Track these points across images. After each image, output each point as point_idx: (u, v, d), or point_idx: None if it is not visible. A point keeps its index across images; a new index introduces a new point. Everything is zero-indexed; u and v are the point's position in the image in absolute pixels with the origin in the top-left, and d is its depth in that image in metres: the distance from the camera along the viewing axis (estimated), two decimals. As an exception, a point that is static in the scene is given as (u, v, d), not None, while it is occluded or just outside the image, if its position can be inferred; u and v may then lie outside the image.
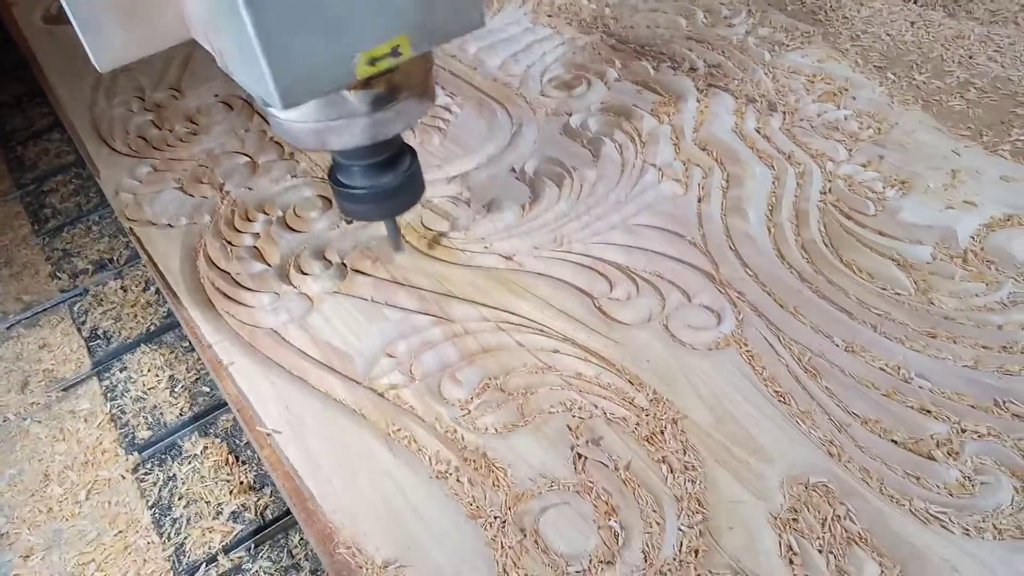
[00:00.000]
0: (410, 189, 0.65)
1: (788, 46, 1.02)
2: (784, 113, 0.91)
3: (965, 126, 0.85)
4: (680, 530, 0.55)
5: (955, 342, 0.64)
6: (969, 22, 1.01)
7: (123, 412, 0.81)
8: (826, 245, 0.74)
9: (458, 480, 0.60)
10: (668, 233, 0.79)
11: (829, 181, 0.81)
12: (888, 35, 1.01)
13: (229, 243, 0.86)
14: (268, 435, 0.65)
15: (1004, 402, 0.59)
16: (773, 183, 0.82)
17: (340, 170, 0.64)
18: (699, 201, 0.82)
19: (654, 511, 0.56)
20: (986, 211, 0.74)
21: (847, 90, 0.93)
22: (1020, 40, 0.96)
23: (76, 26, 0.53)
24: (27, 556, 0.70)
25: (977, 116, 0.86)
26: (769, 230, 0.77)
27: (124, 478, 0.75)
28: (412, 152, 0.65)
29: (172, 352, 0.86)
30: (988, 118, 0.85)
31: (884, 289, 0.69)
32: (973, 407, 0.59)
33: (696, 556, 0.53)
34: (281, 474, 0.63)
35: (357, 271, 0.80)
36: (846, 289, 0.69)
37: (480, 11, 0.52)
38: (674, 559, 0.53)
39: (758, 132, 0.89)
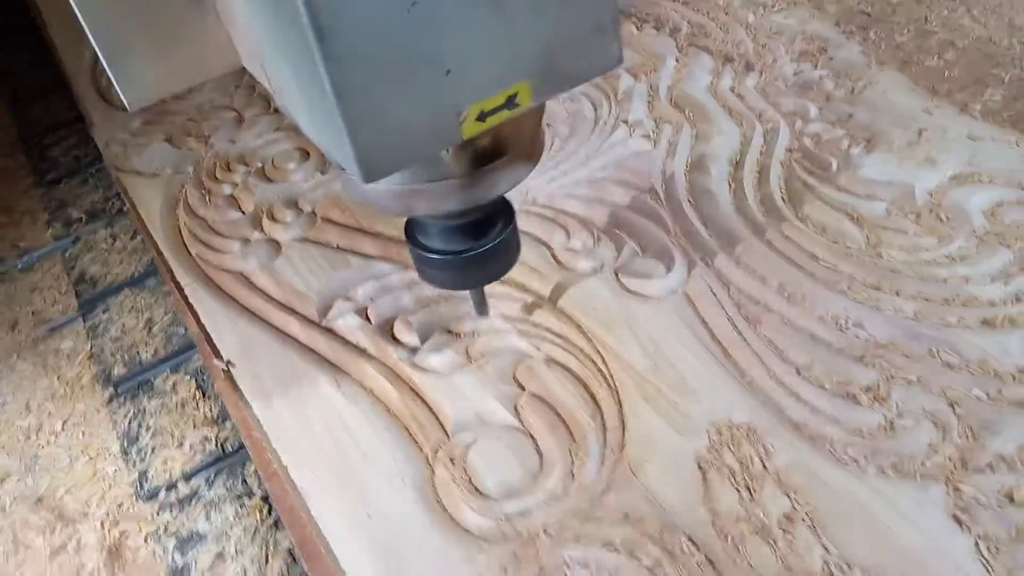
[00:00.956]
0: (505, 254, 0.53)
1: (772, 7, 1.02)
2: (761, 72, 0.91)
3: (939, 86, 0.84)
4: (601, 463, 0.56)
5: (898, 294, 0.64)
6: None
7: (102, 350, 0.84)
8: (783, 200, 0.74)
9: (398, 415, 0.62)
10: (631, 188, 0.79)
11: (796, 139, 0.81)
12: (875, -4, 0.99)
13: (208, 192, 0.88)
14: (224, 368, 0.68)
15: (938, 351, 0.59)
16: (740, 140, 0.82)
17: (418, 228, 0.52)
18: (666, 157, 0.82)
19: (579, 445, 0.57)
20: (947, 169, 0.74)
21: (826, 51, 0.92)
22: (1008, 3, 0.94)
23: (104, 64, 0.45)
24: (3, 479, 0.74)
25: (953, 77, 0.85)
26: (729, 185, 0.77)
27: (99, 411, 0.79)
28: (509, 208, 0.53)
29: (152, 296, 0.90)
30: (964, 78, 0.84)
31: (835, 242, 0.69)
32: (907, 356, 0.60)
33: (612, 486, 0.55)
34: (233, 405, 0.66)
35: (326, 219, 0.82)
36: (798, 242, 0.70)
37: (618, 47, 0.41)
38: (591, 487, 0.55)
39: (732, 91, 0.89)
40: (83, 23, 0.42)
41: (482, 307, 0.62)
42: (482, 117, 0.37)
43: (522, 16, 0.36)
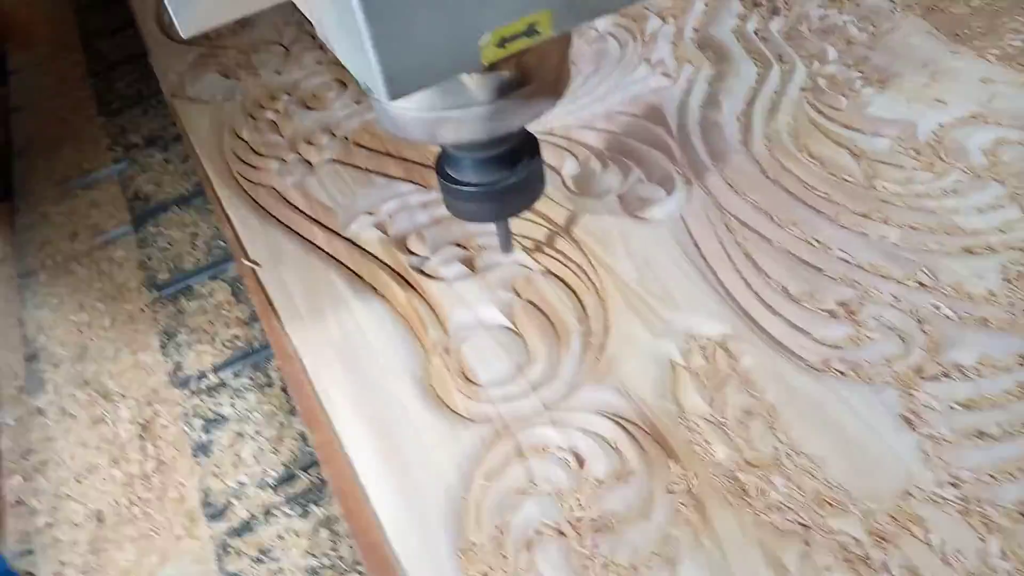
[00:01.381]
0: (528, 188, 0.56)
1: (807, -44, 1.03)
2: (786, 16, 0.93)
3: (961, 32, 0.84)
4: (582, 359, 0.61)
5: (886, 222, 0.66)
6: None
7: (150, 259, 0.92)
8: (790, 135, 0.77)
9: (404, 313, 0.68)
10: (645, 121, 0.82)
11: (811, 79, 0.83)
12: (911, -53, 0.99)
13: (252, 118, 0.95)
14: (252, 268, 0.74)
15: (915, 273, 0.62)
16: (756, 80, 0.84)
17: (448, 161, 0.56)
18: (683, 94, 0.85)
19: (563, 343, 0.62)
20: (954, 109, 0.75)
21: (853, -4, 0.93)
22: (1048, -47, 0.93)
23: None
24: (57, 364, 0.82)
25: (975, 23, 0.85)
26: (739, 120, 0.80)
27: (143, 311, 0.86)
28: (534, 143, 0.56)
29: (199, 213, 0.97)
30: (985, 25, 0.84)
31: (832, 174, 0.72)
32: (884, 277, 0.62)
33: (589, 378, 0.59)
34: (259, 302, 0.73)
35: (357, 144, 0.87)
36: (795, 172, 0.72)
37: None
38: (570, 379, 0.59)
39: (756, 34, 0.91)
40: None
41: (507, 242, 0.65)
42: (502, 43, 0.38)
43: None
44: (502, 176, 0.54)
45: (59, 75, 1.29)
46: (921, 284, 0.61)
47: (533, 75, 0.46)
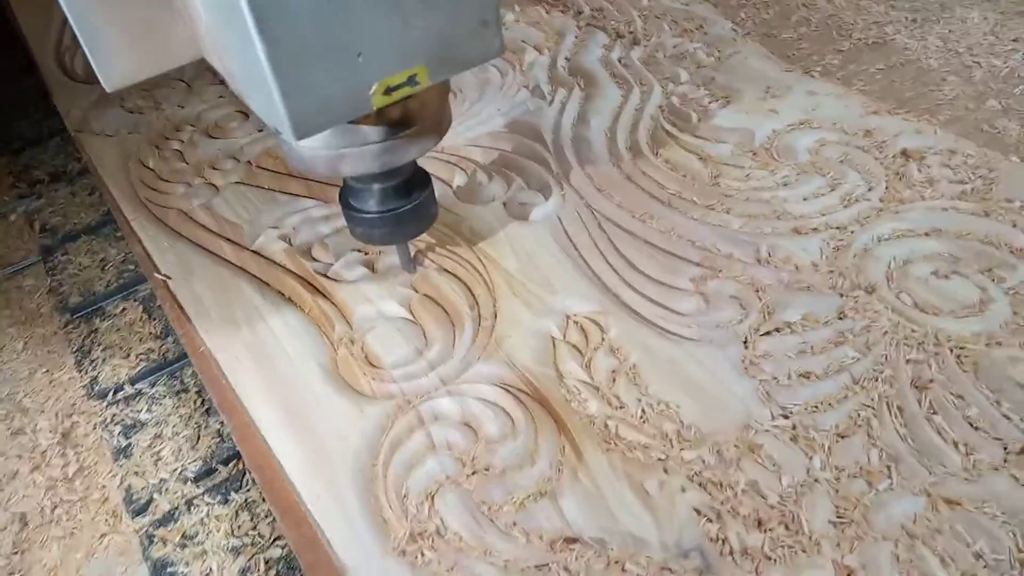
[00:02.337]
0: (422, 215, 0.65)
1: (664, -7, 1.16)
2: (645, 46, 1.05)
3: (790, 54, 0.98)
4: (473, 339, 0.68)
5: (728, 212, 0.77)
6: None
7: (61, 285, 0.95)
8: (648, 145, 0.88)
9: (311, 313, 0.74)
10: (525, 139, 0.92)
11: (666, 98, 0.95)
12: (750, -17, 1.14)
13: (157, 148, 1.00)
14: (164, 280, 0.79)
15: (752, 252, 0.72)
16: (620, 101, 0.96)
17: (351, 193, 0.64)
18: (557, 114, 0.95)
19: (457, 327, 0.70)
20: (785, 118, 0.88)
21: (702, 27, 1.06)
22: (862, -12, 1.09)
23: (84, 47, 0.52)
24: (-30, 388, 0.84)
25: (803, 46, 0.99)
26: (605, 135, 0.90)
27: (56, 334, 0.89)
28: (425, 176, 0.65)
29: (107, 240, 1.01)
30: (811, 48, 0.98)
31: (684, 176, 0.83)
32: (727, 257, 0.73)
33: (480, 356, 0.67)
34: (172, 311, 0.78)
35: (260, 167, 0.94)
36: (652, 176, 0.83)
37: (500, 39, 0.51)
38: (464, 357, 0.67)
39: (619, 61, 1.03)
40: (68, 16, 0.51)
41: (407, 263, 0.74)
42: (388, 91, 0.47)
43: (417, 13, 0.47)
44: (398, 204, 0.64)
45: (-44, 118, 1.31)
46: (757, 260, 0.71)
47: (417, 117, 0.56)
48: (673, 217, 0.78)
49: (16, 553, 0.68)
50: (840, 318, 0.66)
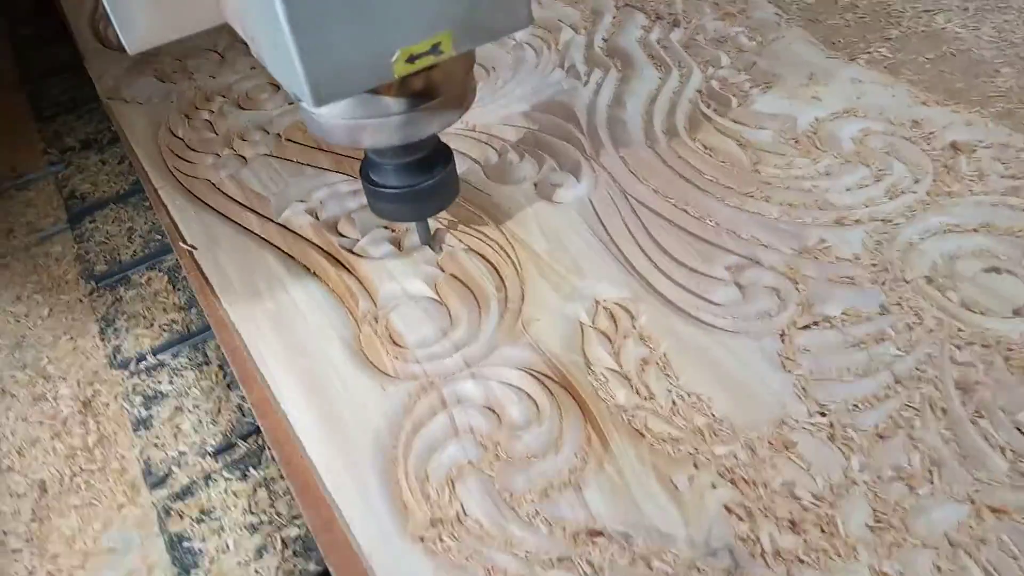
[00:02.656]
0: (443, 191, 0.64)
1: (707, -25, 1.13)
2: (685, 28, 1.02)
3: (835, 40, 0.95)
4: (500, 321, 0.67)
5: (767, 200, 0.75)
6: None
7: (87, 252, 0.95)
8: (685, 129, 0.85)
9: (335, 288, 0.73)
10: (558, 119, 0.90)
11: (706, 82, 0.92)
12: (796, -33, 1.10)
13: (187, 117, 0.99)
14: (188, 250, 0.78)
15: (791, 242, 0.70)
16: (658, 82, 0.93)
17: (371, 167, 0.62)
18: (592, 95, 0.93)
19: (483, 308, 0.68)
20: (828, 105, 0.85)
21: (744, 11, 1.03)
22: (913, -26, 1.05)
23: (106, 6, 0.52)
24: (-6, 353, 0.84)
25: (849, 32, 0.96)
26: (642, 117, 0.88)
27: (81, 301, 0.89)
28: (448, 152, 0.63)
29: (135, 210, 1.00)
30: (857, 35, 0.95)
31: (722, 162, 0.80)
32: (765, 246, 0.70)
33: (506, 338, 0.65)
34: (196, 281, 0.77)
35: (289, 140, 0.92)
36: (688, 160, 0.80)
37: (528, 9, 0.49)
38: (489, 339, 0.65)
39: (658, 43, 1.00)
40: None
41: (426, 238, 0.73)
42: (411, 59, 0.45)
43: None
44: (419, 180, 0.62)
45: (-10, 84, 1.31)
46: (797, 250, 0.69)
47: (440, 90, 0.54)
48: (709, 204, 0.75)
49: (35, 520, 0.68)
50: (882, 314, 0.63)
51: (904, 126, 0.81)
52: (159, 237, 0.95)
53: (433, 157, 0.63)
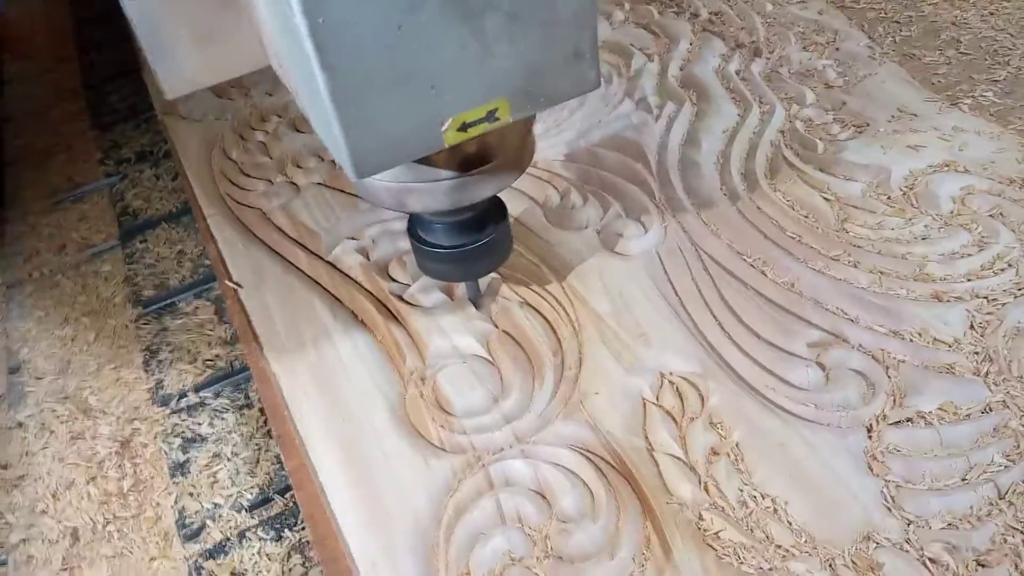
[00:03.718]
0: (496, 250, 0.59)
1: (792, 0, 1.05)
2: (767, 59, 0.95)
3: (934, 80, 0.87)
4: (555, 392, 0.62)
5: (856, 266, 0.68)
6: (978, -14, 1.01)
7: (136, 275, 0.93)
8: (766, 176, 0.79)
9: (382, 340, 0.69)
10: (625, 157, 0.84)
11: (789, 121, 0.85)
12: (892, -7, 1.02)
13: (242, 138, 0.96)
14: (234, 289, 0.75)
15: (882, 319, 0.63)
16: (736, 120, 0.86)
17: (418, 223, 0.58)
18: (664, 131, 0.87)
19: (538, 375, 0.63)
20: (927, 157, 0.77)
21: (833, 42, 0.95)
22: (1018, 6, 0.96)
23: (146, 52, 0.49)
24: (40, 378, 0.82)
25: (950, 72, 0.87)
26: (718, 160, 0.82)
27: (127, 327, 0.87)
28: (502, 208, 0.58)
29: (186, 231, 0.98)
30: (959, 75, 0.87)
31: (806, 217, 0.73)
32: (852, 321, 0.64)
33: (561, 412, 0.60)
34: (240, 324, 0.74)
35: (344, 169, 0.89)
36: (769, 214, 0.74)
37: (596, 71, 0.44)
38: (543, 412, 0.60)
39: (738, 75, 0.93)
40: (130, 21, 0.47)
41: (477, 297, 0.68)
42: (464, 128, 0.41)
43: (501, 40, 0.40)
44: (470, 240, 0.57)
45: (53, 86, 1.30)
46: (889, 331, 0.62)
47: (495, 153, 0.49)
48: (791, 266, 0.69)
49: (65, 570, 0.66)
50: (985, 412, 0.56)
51: (1013, 185, 0.73)
52: (208, 263, 0.93)
53: (485, 215, 0.58)
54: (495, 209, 0.59)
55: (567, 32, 0.42)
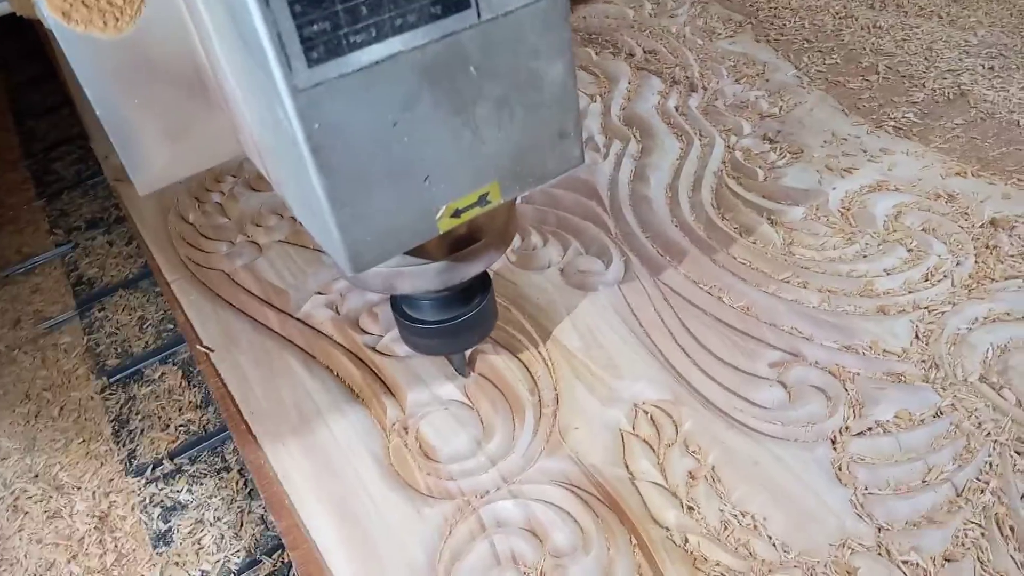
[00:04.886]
0: (481, 323, 0.60)
1: (721, 35, 1.11)
2: (703, 93, 1.00)
3: (860, 105, 0.93)
4: (535, 431, 0.64)
5: (805, 286, 0.72)
6: (889, 15, 1.08)
7: (97, 344, 0.92)
8: (712, 206, 0.83)
9: (360, 393, 0.70)
10: (579, 196, 0.88)
11: (729, 152, 0.90)
12: (813, 24, 1.08)
13: (198, 200, 0.96)
14: (206, 353, 0.75)
15: (836, 336, 0.67)
16: (679, 154, 0.91)
17: (403, 299, 0.59)
18: (612, 169, 0.91)
19: (517, 416, 0.65)
20: (859, 179, 0.82)
21: (763, 73, 1.01)
22: (936, 32, 1.03)
23: (117, 148, 0.48)
24: (4, 458, 0.81)
25: (872, 98, 0.93)
26: (666, 193, 0.86)
27: (92, 399, 0.86)
28: (486, 278, 0.60)
29: (145, 296, 0.97)
30: (881, 99, 0.93)
31: (754, 243, 0.78)
32: (807, 339, 0.68)
33: (544, 450, 0.62)
34: (215, 387, 0.74)
35: (304, 225, 0.90)
36: (720, 243, 0.78)
37: (580, 148, 0.46)
38: (526, 451, 0.62)
39: (676, 110, 0.98)
40: (98, 114, 0.46)
41: (462, 368, 0.69)
42: (457, 214, 0.43)
43: (491, 127, 0.42)
44: (457, 313, 0.58)
45: (-8, 157, 1.29)
46: (841, 345, 0.66)
47: (483, 232, 0.51)
48: (746, 291, 0.73)
49: (52, 653, 0.64)
50: (937, 416, 0.61)
51: (940, 200, 0.78)
52: (171, 327, 0.92)
53: (471, 288, 0.59)
54: (480, 280, 0.60)
55: (552, 114, 0.44)
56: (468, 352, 0.69)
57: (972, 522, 0.54)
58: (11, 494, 0.76)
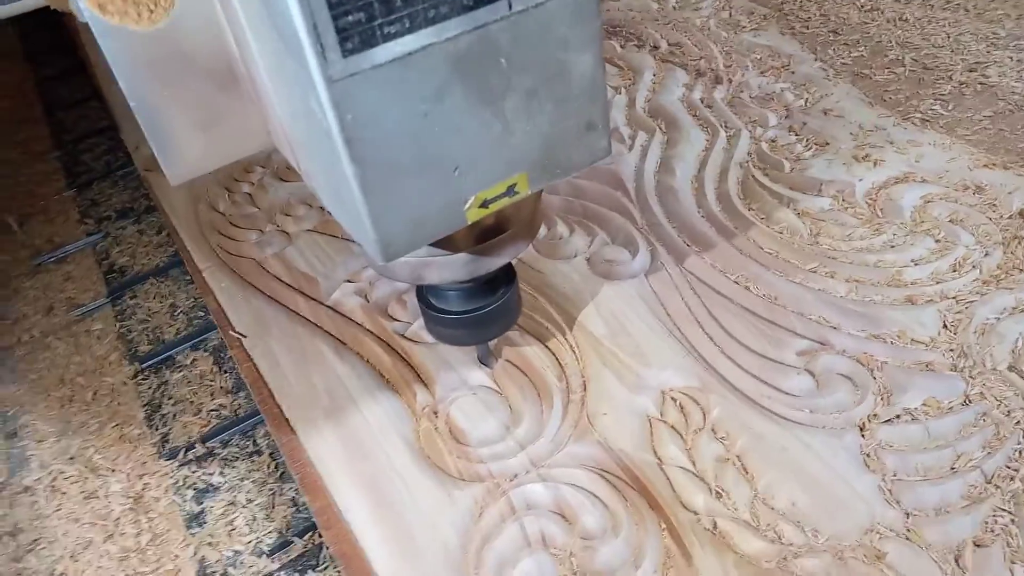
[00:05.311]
0: (506, 313, 0.61)
1: (745, 27, 1.11)
2: (728, 86, 1.00)
3: (886, 97, 0.93)
4: (563, 416, 0.65)
5: (832, 276, 0.72)
6: (915, 8, 1.08)
7: (129, 331, 0.94)
8: (739, 197, 0.83)
9: (390, 378, 0.71)
10: (605, 187, 0.88)
11: (755, 144, 0.90)
12: (838, 17, 1.08)
13: (228, 190, 0.98)
14: (239, 339, 0.77)
15: (862, 325, 0.68)
16: (705, 146, 0.91)
17: (429, 290, 0.60)
18: (638, 160, 0.91)
19: (545, 401, 0.66)
20: (886, 170, 0.83)
21: (788, 66, 1.01)
22: (962, 25, 1.03)
23: (149, 140, 0.49)
24: (41, 440, 0.83)
25: (899, 90, 0.93)
26: (692, 183, 0.86)
27: (125, 384, 0.88)
28: (511, 270, 0.60)
29: (176, 284, 0.99)
30: (908, 91, 0.93)
31: (780, 233, 0.78)
32: (835, 328, 0.68)
33: (572, 435, 0.63)
34: (248, 373, 0.75)
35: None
36: (747, 233, 0.78)
37: (607, 140, 0.47)
38: (554, 436, 0.63)
39: (702, 102, 0.98)
40: (131, 106, 0.47)
41: (487, 357, 0.69)
42: (485, 204, 0.43)
43: (520, 118, 0.42)
44: (482, 304, 0.59)
45: (23, 149, 1.31)
46: (869, 334, 0.67)
47: (510, 223, 0.52)
48: (773, 281, 0.73)
49: (90, 629, 0.66)
50: (965, 404, 0.61)
51: (967, 191, 0.78)
52: (202, 314, 0.94)
53: (496, 279, 0.59)
54: (505, 271, 0.60)
55: (580, 106, 0.44)
56: (492, 343, 0.70)
57: (1002, 508, 0.54)
58: (48, 475, 0.78)
